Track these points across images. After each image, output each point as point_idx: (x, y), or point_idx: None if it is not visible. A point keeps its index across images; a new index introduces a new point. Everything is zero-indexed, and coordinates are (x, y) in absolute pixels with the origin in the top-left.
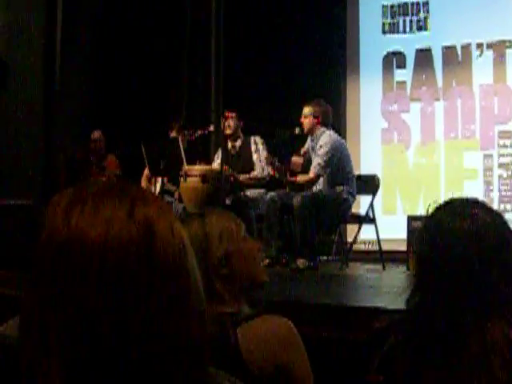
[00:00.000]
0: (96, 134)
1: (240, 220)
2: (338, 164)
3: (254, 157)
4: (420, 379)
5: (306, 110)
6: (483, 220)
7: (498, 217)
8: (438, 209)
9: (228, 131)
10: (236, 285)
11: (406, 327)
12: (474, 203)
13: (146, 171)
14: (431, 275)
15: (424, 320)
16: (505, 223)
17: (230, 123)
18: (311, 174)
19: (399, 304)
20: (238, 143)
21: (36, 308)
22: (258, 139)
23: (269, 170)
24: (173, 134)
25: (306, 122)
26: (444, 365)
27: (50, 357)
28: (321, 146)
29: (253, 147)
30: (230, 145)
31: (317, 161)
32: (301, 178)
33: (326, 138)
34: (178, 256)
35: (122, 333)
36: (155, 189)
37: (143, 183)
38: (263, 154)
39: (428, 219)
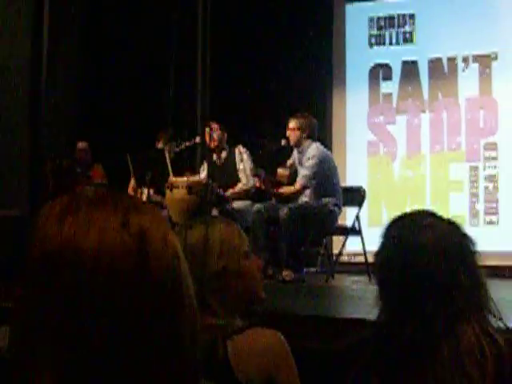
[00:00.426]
0: (81, 144)
1: (244, 233)
2: (325, 176)
3: (240, 167)
4: None
5: (292, 123)
6: (442, 229)
7: (453, 225)
8: (400, 218)
9: (213, 144)
10: (229, 299)
11: (378, 340)
12: (429, 214)
13: (132, 182)
14: (396, 289)
15: (395, 331)
16: (459, 230)
17: (214, 136)
18: (297, 186)
19: None
20: (224, 155)
21: (27, 318)
22: (242, 148)
23: (255, 181)
24: (160, 145)
25: (292, 134)
26: (418, 371)
27: (42, 368)
28: (308, 158)
29: (237, 157)
30: (215, 156)
31: (303, 172)
32: (286, 190)
33: (313, 150)
34: (172, 266)
35: (113, 343)
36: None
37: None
38: (247, 163)
39: (385, 236)
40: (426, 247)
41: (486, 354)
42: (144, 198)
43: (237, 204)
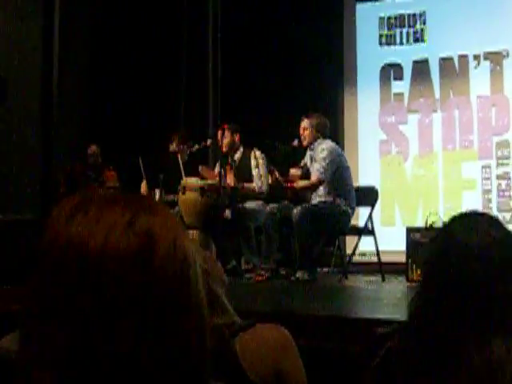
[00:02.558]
0: (92, 148)
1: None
2: (337, 170)
3: (254, 172)
4: None
5: (304, 123)
6: (494, 237)
7: (509, 235)
8: (452, 220)
9: (224, 149)
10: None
11: (406, 335)
12: (488, 219)
13: (144, 186)
14: (437, 286)
15: (425, 330)
16: None
17: (224, 140)
18: (313, 179)
19: (399, 315)
20: (238, 155)
21: (33, 318)
22: (259, 153)
23: (267, 189)
24: (172, 148)
25: (305, 134)
26: (440, 376)
27: (46, 369)
28: (319, 152)
29: (253, 162)
30: (229, 158)
31: (316, 166)
32: (302, 183)
33: (325, 144)
34: (180, 269)
35: (118, 344)
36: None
37: None
38: (263, 168)
39: (441, 230)
40: (473, 250)
41: None
42: (157, 199)
43: (249, 204)
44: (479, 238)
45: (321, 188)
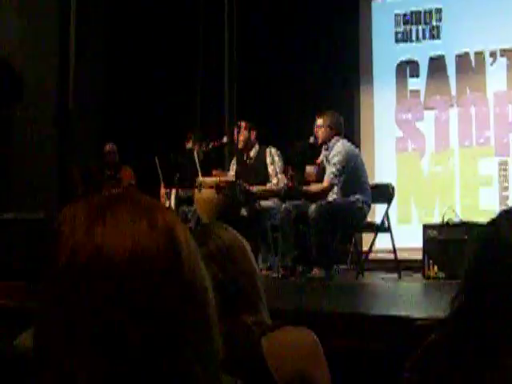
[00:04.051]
0: (108, 147)
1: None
2: (353, 173)
3: (270, 169)
4: None
5: (319, 121)
6: None
7: None
8: (500, 216)
9: (240, 145)
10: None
11: (446, 331)
12: None
13: (163, 189)
14: (481, 284)
15: (464, 326)
16: None
17: (240, 137)
18: (325, 183)
19: (415, 312)
20: (253, 153)
21: (57, 323)
22: (274, 150)
23: (285, 182)
24: (188, 145)
25: (320, 132)
26: (476, 375)
27: (70, 370)
28: (334, 156)
29: (268, 159)
30: (244, 155)
31: (330, 170)
32: (314, 187)
33: (339, 147)
34: (197, 261)
35: (148, 346)
36: (170, 202)
37: (162, 200)
38: (279, 165)
39: (487, 226)
40: None
41: None
42: (173, 197)
43: (265, 202)
44: None
45: (332, 190)
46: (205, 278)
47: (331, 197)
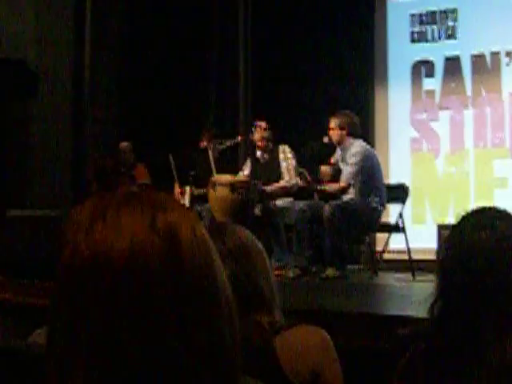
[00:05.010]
0: (123, 145)
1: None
2: (369, 173)
3: (283, 165)
4: None
5: (333, 122)
6: (503, 232)
7: None
8: (463, 218)
9: (262, 143)
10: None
11: (428, 336)
12: (498, 214)
13: (177, 187)
14: (452, 285)
15: (445, 330)
16: None
17: (264, 134)
18: (342, 183)
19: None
20: (267, 152)
21: (63, 321)
22: (287, 148)
23: (297, 180)
24: (203, 144)
25: (334, 133)
26: (463, 376)
27: (75, 369)
28: (352, 156)
29: (281, 156)
30: (259, 154)
31: (347, 170)
32: (331, 187)
33: (356, 147)
34: (205, 261)
35: (151, 346)
36: (185, 200)
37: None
38: (292, 162)
39: (453, 229)
40: (483, 247)
41: None
42: (187, 196)
43: (279, 201)
44: (488, 234)
45: (349, 190)
46: (216, 279)
47: (347, 197)
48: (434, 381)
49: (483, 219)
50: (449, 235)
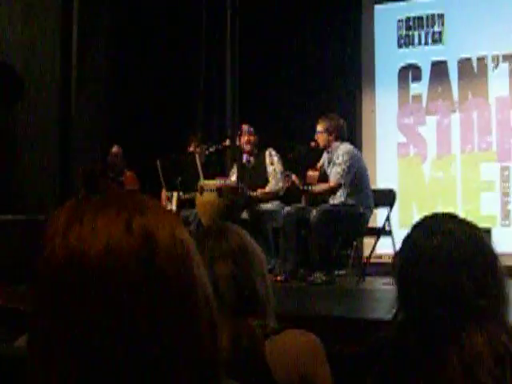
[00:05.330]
0: (115, 149)
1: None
2: (356, 174)
3: (269, 169)
4: None
5: (320, 126)
6: (455, 235)
7: (473, 231)
8: (415, 226)
9: (247, 147)
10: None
11: (394, 342)
12: (448, 218)
13: (164, 193)
14: (408, 292)
15: (406, 334)
16: (481, 238)
17: (251, 139)
18: (331, 183)
19: None
20: (253, 157)
21: (41, 324)
22: (273, 151)
23: (284, 183)
24: (191, 149)
25: (321, 137)
26: (429, 378)
27: (51, 371)
28: (339, 156)
29: (268, 159)
30: (245, 159)
31: (336, 170)
32: (319, 187)
33: (343, 148)
34: (182, 265)
35: (126, 347)
36: (172, 205)
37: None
38: (278, 166)
39: (405, 238)
40: (438, 253)
41: (502, 363)
42: (174, 201)
43: (266, 205)
44: (437, 239)
45: (339, 190)
46: (195, 281)
47: (337, 199)
48: (406, 380)
49: (435, 225)
50: (402, 244)
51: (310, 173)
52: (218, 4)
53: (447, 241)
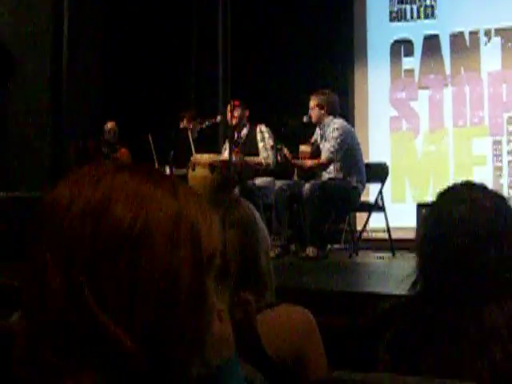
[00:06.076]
0: (109, 125)
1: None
2: (348, 151)
3: (260, 145)
4: (423, 364)
5: (312, 101)
6: (481, 205)
7: (499, 201)
8: (441, 195)
9: (233, 121)
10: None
11: (410, 311)
12: (474, 188)
13: (156, 167)
14: (433, 263)
15: (425, 305)
16: (507, 208)
17: (235, 113)
18: (323, 159)
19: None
20: (244, 132)
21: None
22: (264, 128)
23: (275, 156)
24: (183, 125)
25: (313, 112)
26: (444, 350)
27: (45, 343)
28: (332, 131)
29: (259, 136)
30: (235, 134)
31: (328, 145)
32: (312, 162)
33: (336, 124)
34: (137, 234)
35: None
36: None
37: None
38: (269, 142)
39: (431, 206)
40: (461, 222)
41: None
42: None
43: (259, 181)
44: (463, 208)
45: (331, 165)
46: (177, 262)
47: (328, 175)
48: (419, 350)
49: (461, 193)
50: (427, 213)
51: (303, 147)
52: None
53: (475, 210)
